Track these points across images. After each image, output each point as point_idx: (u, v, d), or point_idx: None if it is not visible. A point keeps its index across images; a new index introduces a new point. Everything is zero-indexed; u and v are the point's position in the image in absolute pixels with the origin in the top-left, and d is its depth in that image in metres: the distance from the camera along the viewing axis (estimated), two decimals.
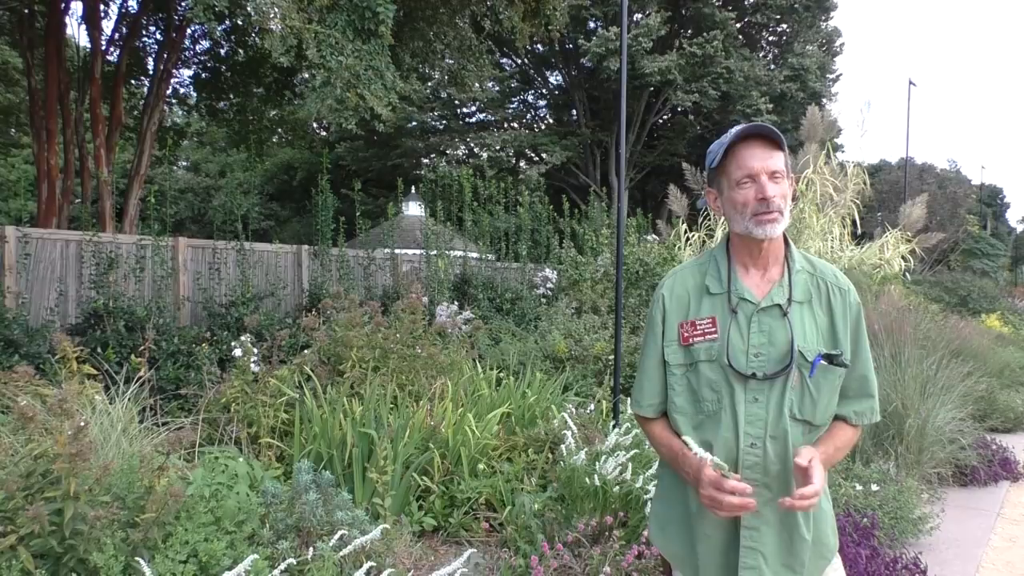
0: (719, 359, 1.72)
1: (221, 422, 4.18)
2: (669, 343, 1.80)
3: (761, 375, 1.69)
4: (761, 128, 1.71)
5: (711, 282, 1.79)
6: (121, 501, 2.77)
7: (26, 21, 10.89)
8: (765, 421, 1.70)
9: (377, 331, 5.02)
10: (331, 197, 7.88)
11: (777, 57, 24.11)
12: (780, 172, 1.70)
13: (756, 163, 1.69)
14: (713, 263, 1.83)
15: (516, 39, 10.64)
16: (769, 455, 1.70)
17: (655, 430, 1.86)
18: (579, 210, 11.52)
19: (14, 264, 5.74)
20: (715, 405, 1.73)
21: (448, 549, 3.83)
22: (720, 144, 1.75)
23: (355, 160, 25.53)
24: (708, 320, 1.75)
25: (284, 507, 3.17)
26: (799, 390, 1.70)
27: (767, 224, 1.69)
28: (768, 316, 1.73)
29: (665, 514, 1.90)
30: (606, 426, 4.78)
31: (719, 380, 1.72)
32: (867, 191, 12.47)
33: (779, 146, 1.71)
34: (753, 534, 1.71)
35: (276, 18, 6.94)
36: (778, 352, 1.70)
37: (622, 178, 5.33)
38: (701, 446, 1.72)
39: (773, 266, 1.78)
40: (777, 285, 1.75)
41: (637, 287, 8.67)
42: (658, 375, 1.83)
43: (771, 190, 1.68)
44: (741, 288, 1.76)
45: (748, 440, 1.70)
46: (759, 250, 1.75)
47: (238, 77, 14.12)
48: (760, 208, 1.68)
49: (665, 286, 1.86)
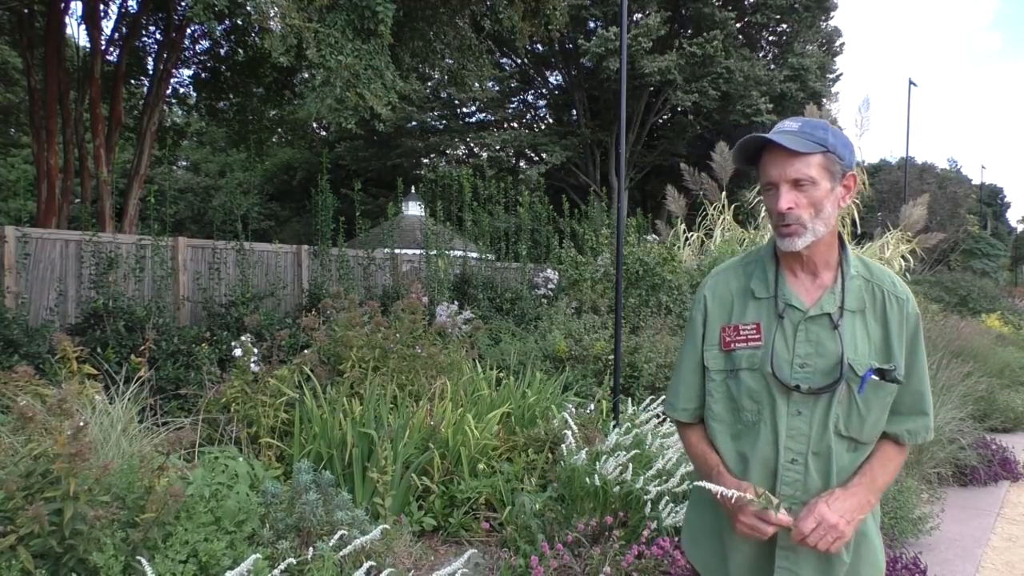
0: (761, 367, 1.62)
1: (221, 422, 4.18)
2: (710, 347, 1.71)
3: (806, 388, 1.58)
4: (780, 137, 1.58)
5: (757, 285, 1.69)
6: (121, 501, 2.77)
7: (26, 21, 10.88)
8: (808, 436, 1.59)
9: (377, 331, 5.02)
10: (331, 197, 7.88)
11: (777, 57, 24.09)
12: (807, 179, 1.56)
13: (774, 171, 1.59)
14: (760, 265, 1.71)
15: (516, 39, 10.64)
16: (811, 473, 1.59)
17: (691, 438, 1.77)
18: (579, 210, 11.51)
19: (14, 264, 5.73)
20: (755, 415, 1.63)
21: (448, 549, 3.83)
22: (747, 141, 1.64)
23: (355, 160, 25.53)
24: (752, 326, 1.65)
25: (284, 507, 3.17)
26: (846, 405, 1.59)
27: (785, 238, 1.59)
28: (816, 325, 1.61)
29: (698, 524, 1.81)
30: (606, 426, 4.77)
31: (760, 390, 1.62)
32: (867, 191, 12.47)
33: (805, 152, 1.56)
34: (790, 555, 1.61)
35: (276, 17, 6.93)
36: (826, 364, 1.59)
37: (622, 178, 5.33)
38: (737, 458, 1.65)
39: (824, 271, 1.65)
40: (828, 292, 1.63)
41: (637, 287, 8.66)
42: (695, 379, 1.74)
43: (786, 202, 1.57)
44: (788, 294, 1.64)
45: (788, 455, 1.60)
46: (799, 256, 1.63)
47: (238, 77, 14.12)
48: (779, 221, 1.59)
49: (707, 286, 1.76)
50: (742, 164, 1.71)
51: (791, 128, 1.60)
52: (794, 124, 1.61)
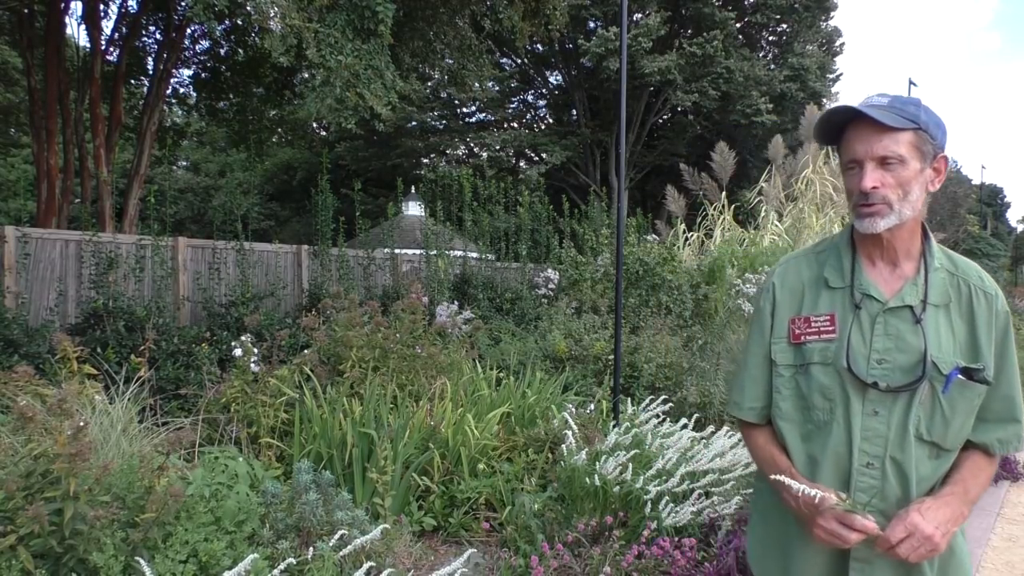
0: (835, 362, 1.50)
1: (221, 422, 4.18)
2: (778, 340, 1.59)
3: (884, 386, 1.46)
4: (869, 110, 1.45)
5: (831, 274, 1.57)
6: (121, 501, 2.77)
7: (26, 21, 10.89)
8: (885, 439, 1.47)
9: (377, 331, 5.02)
10: (331, 197, 7.88)
11: (777, 57, 24.10)
12: (895, 156, 1.45)
13: (860, 146, 1.47)
14: (834, 252, 1.60)
15: (516, 39, 10.65)
16: (888, 479, 1.46)
17: (757, 439, 1.65)
18: (579, 210, 11.51)
19: (14, 264, 5.73)
20: (827, 415, 1.52)
21: (448, 549, 3.83)
22: (833, 112, 1.52)
23: (355, 160, 25.53)
24: (825, 317, 1.53)
25: (284, 507, 3.17)
26: (929, 406, 1.46)
27: (866, 218, 1.47)
28: (896, 318, 1.50)
29: (764, 534, 1.69)
30: (606, 426, 4.77)
31: (833, 386, 1.51)
32: None
33: (896, 127, 1.44)
34: (865, 568, 1.48)
35: (276, 17, 6.94)
36: (907, 360, 1.47)
37: (622, 178, 5.33)
38: (807, 461, 1.54)
39: (905, 261, 1.54)
40: (910, 283, 1.51)
41: (637, 287, 8.67)
42: (762, 375, 1.63)
43: (871, 180, 1.45)
44: (866, 283, 1.53)
45: (863, 459, 1.48)
46: (881, 241, 1.52)
47: (238, 77, 14.13)
48: (860, 200, 1.47)
49: (776, 274, 1.64)
50: (823, 141, 1.59)
51: (880, 103, 1.48)
52: (883, 99, 1.49)
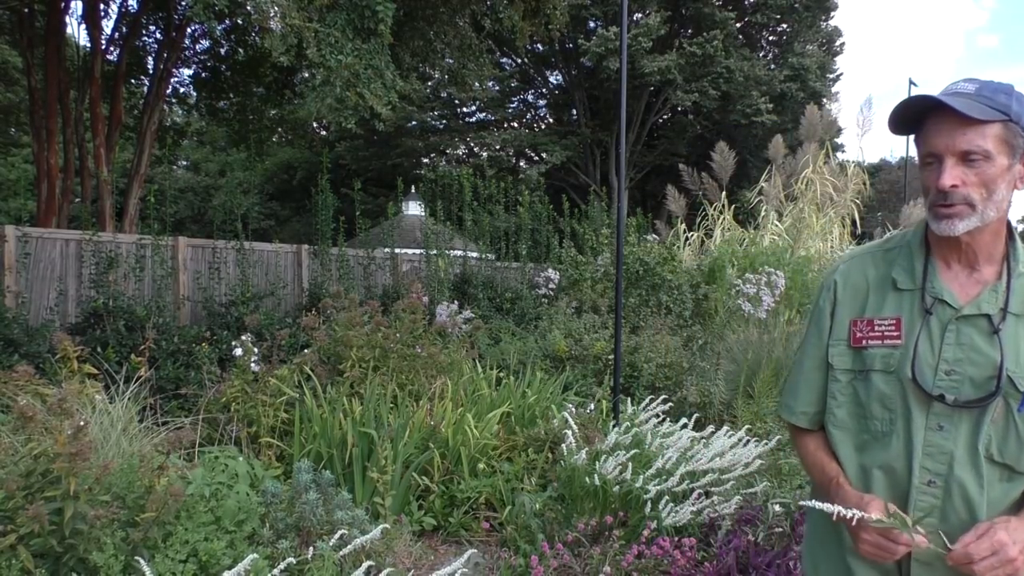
0: (899, 370, 1.39)
1: (221, 422, 4.19)
2: (836, 342, 1.49)
3: (951, 399, 1.34)
4: (952, 100, 1.31)
5: (900, 274, 1.45)
6: (121, 500, 2.77)
7: (26, 20, 10.88)
8: (950, 456, 1.34)
9: (377, 331, 5.02)
10: (331, 196, 7.88)
11: (777, 57, 24.10)
12: (979, 152, 1.31)
13: (939, 140, 1.33)
14: (905, 251, 1.47)
15: (516, 38, 10.66)
16: (952, 499, 1.34)
17: (807, 446, 1.55)
18: (579, 210, 11.51)
19: (14, 263, 5.74)
20: (886, 426, 1.40)
21: (448, 549, 3.83)
22: (912, 101, 1.38)
23: (355, 159, 25.52)
24: (891, 321, 1.42)
25: (284, 507, 3.18)
26: (1002, 426, 1.33)
27: (943, 219, 1.34)
28: (971, 327, 1.37)
29: (818, 549, 1.58)
30: (606, 426, 4.78)
31: (894, 396, 1.40)
32: (867, 191, 12.47)
33: (981, 119, 1.30)
34: None
35: (276, 17, 6.94)
36: (979, 374, 1.34)
37: (622, 178, 5.33)
38: (860, 473, 1.43)
39: (986, 264, 1.40)
40: (989, 289, 1.38)
41: (637, 287, 8.67)
42: (817, 379, 1.52)
43: (950, 177, 1.31)
44: (939, 287, 1.40)
45: (925, 476, 1.35)
46: (959, 244, 1.39)
47: (238, 76, 14.12)
48: (938, 199, 1.34)
49: (839, 271, 1.53)
50: (900, 131, 1.45)
51: (966, 90, 1.35)
52: (970, 86, 1.36)
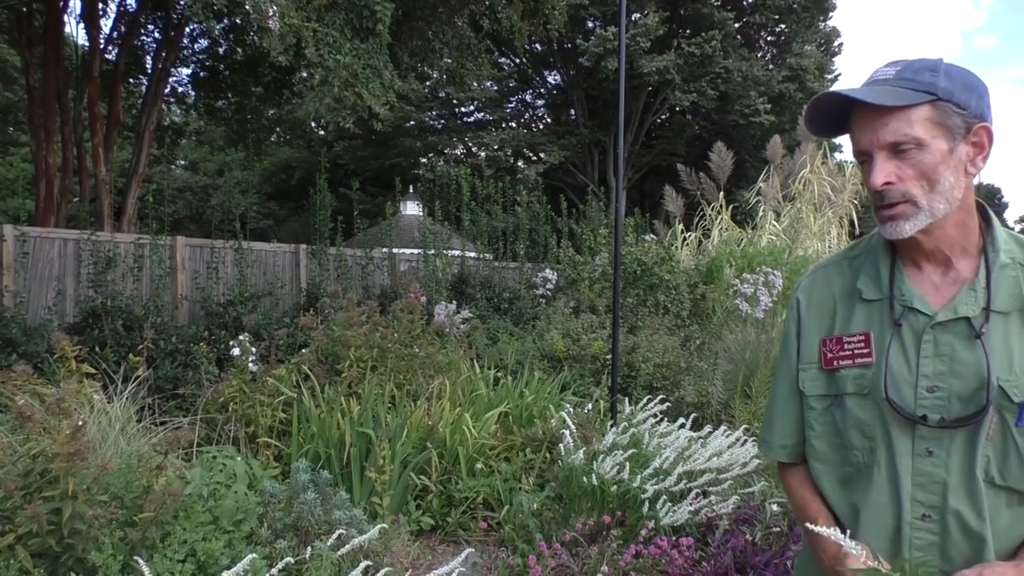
0: (873, 392, 1.21)
1: (219, 421, 4.19)
2: (806, 366, 1.31)
3: (936, 419, 1.17)
4: (864, 93, 1.18)
5: (865, 284, 1.28)
6: (119, 500, 2.77)
7: (24, 19, 10.88)
8: (943, 485, 1.17)
9: (375, 330, 5.02)
10: (329, 196, 7.89)
11: (775, 57, 24.12)
12: (909, 141, 1.15)
13: (864, 136, 1.19)
14: (870, 257, 1.30)
15: (515, 38, 10.67)
16: (951, 534, 1.16)
17: (791, 481, 1.38)
18: (577, 210, 11.52)
19: (12, 263, 5.73)
20: (867, 456, 1.23)
21: (446, 548, 3.84)
22: (823, 102, 1.24)
23: (353, 159, 25.51)
24: (860, 338, 1.24)
25: (282, 506, 3.18)
26: (1000, 443, 1.16)
27: (887, 222, 1.19)
28: (949, 334, 1.19)
29: (808, 566, 1.40)
30: (604, 425, 4.78)
31: (872, 422, 1.22)
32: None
33: (901, 105, 1.15)
34: None
35: (275, 16, 6.95)
36: (964, 387, 1.16)
37: (620, 178, 5.34)
38: (849, 511, 1.26)
39: (960, 259, 1.23)
40: (966, 288, 1.20)
41: (635, 287, 8.68)
42: (791, 408, 1.35)
43: (881, 175, 1.17)
44: (909, 293, 1.23)
45: (917, 511, 1.18)
46: (920, 244, 1.22)
47: (236, 76, 14.13)
48: (876, 200, 1.20)
49: (802, 287, 1.36)
50: (823, 134, 1.33)
51: (885, 75, 1.21)
52: (890, 70, 1.21)
